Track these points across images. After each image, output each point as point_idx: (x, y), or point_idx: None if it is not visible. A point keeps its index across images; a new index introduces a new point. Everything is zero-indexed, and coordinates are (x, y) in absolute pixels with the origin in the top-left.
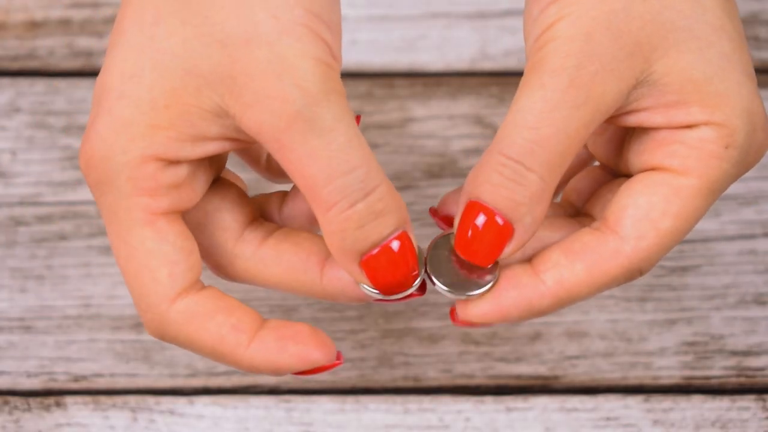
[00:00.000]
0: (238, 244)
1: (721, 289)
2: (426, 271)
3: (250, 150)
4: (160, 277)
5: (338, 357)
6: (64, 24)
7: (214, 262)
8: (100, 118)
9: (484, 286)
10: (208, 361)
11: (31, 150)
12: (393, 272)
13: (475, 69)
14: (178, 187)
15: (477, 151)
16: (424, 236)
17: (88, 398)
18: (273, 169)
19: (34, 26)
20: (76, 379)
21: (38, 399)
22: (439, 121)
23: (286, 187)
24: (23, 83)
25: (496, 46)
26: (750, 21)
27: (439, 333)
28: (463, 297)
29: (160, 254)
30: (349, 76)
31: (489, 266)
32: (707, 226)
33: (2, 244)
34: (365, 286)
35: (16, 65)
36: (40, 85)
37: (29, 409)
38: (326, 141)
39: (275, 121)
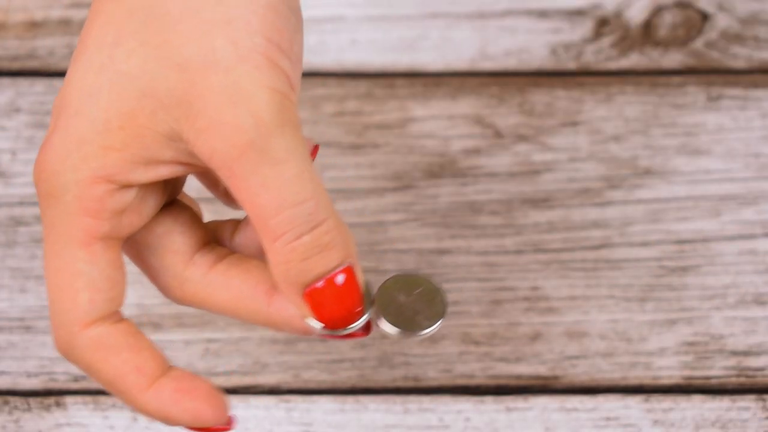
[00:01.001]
0: (188, 268)
1: (721, 289)
2: (374, 311)
3: (208, 173)
4: (80, 300)
5: (229, 422)
6: (64, 24)
7: (163, 283)
8: (57, 133)
9: (429, 327)
10: (208, 362)
11: (31, 150)
12: (336, 306)
13: (475, 69)
14: (123, 212)
15: (477, 151)
16: (424, 236)
17: (88, 398)
18: (230, 195)
19: (34, 26)
20: (76, 379)
21: (38, 399)
22: (439, 121)
23: (242, 213)
24: (23, 83)
25: (496, 46)
26: (750, 21)
27: (439, 333)
28: (412, 337)
29: (86, 278)
30: (349, 76)
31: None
32: (707, 226)
33: (2, 244)
34: (310, 320)
35: (16, 65)
36: (40, 85)
37: (29, 409)
38: (278, 172)
39: (228, 148)
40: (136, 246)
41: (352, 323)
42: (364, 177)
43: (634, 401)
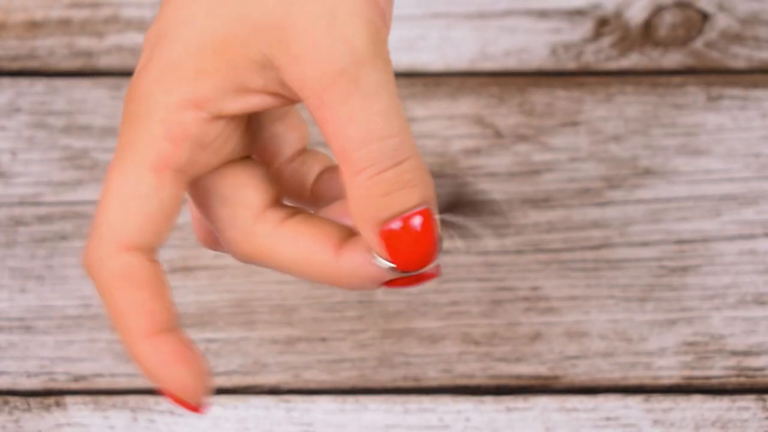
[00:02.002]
0: (258, 222)
1: (721, 289)
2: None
3: (269, 144)
4: (130, 221)
5: (200, 407)
6: (64, 24)
7: (230, 236)
8: (152, 60)
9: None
10: (208, 362)
11: (31, 150)
12: (413, 247)
13: (475, 69)
14: (204, 146)
15: (477, 151)
16: None
17: (88, 398)
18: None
19: (34, 26)
20: (76, 379)
21: (38, 399)
22: (439, 121)
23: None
24: (23, 83)
25: (496, 46)
26: (750, 21)
27: (439, 333)
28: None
29: (145, 203)
30: None
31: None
32: (707, 226)
33: (2, 244)
34: (381, 260)
35: (16, 65)
36: (40, 85)
37: (29, 409)
38: (367, 104)
39: (319, 76)
40: (207, 194)
41: (426, 265)
42: None
43: (634, 401)
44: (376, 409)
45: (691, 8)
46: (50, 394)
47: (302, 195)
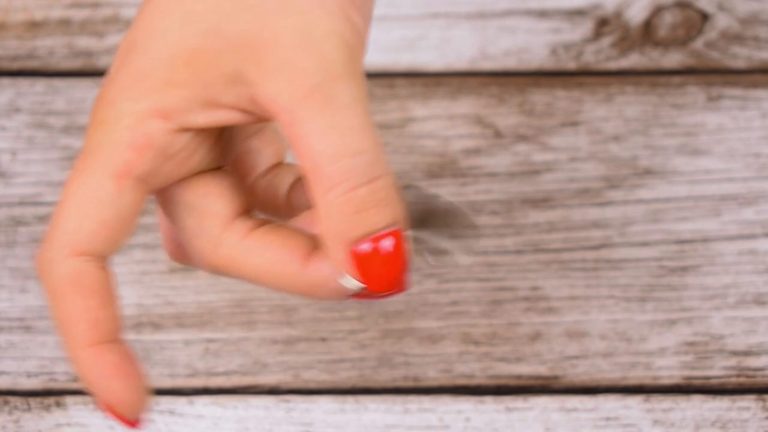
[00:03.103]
0: (225, 232)
1: (721, 289)
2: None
3: (244, 159)
4: (85, 226)
5: (136, 423)
6: (64, 24)
7: (197, 246)
8: (123, 68)
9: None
10: (208, 362)
11: (31, 150)
12: (383, 269)
13: (475, 69)
14: (168, 158)
15: (477, 151)
16: None
17: (88, 398)
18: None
19: (34, 26)
20: (76, 379)
21: (38, 399)
22: (439, 121)
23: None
24: (23, 83)
25: (496, 46)
26: (750, 21)
27: (439, 333)
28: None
29: (102, 209)
30: None
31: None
32: (707, 226)
33: (2, 244)
34: (346, 279)
35: (16, 65)
36: (40, 85)
37: (29, 409)
38: (340, 118)
39: (293, 90)
40: (175, 203)
41: (396, 288)
42: None
43: (634, 401)
44: (375, 409)
45: (691, 8)
46: (50, 394)
47: (277, 207)
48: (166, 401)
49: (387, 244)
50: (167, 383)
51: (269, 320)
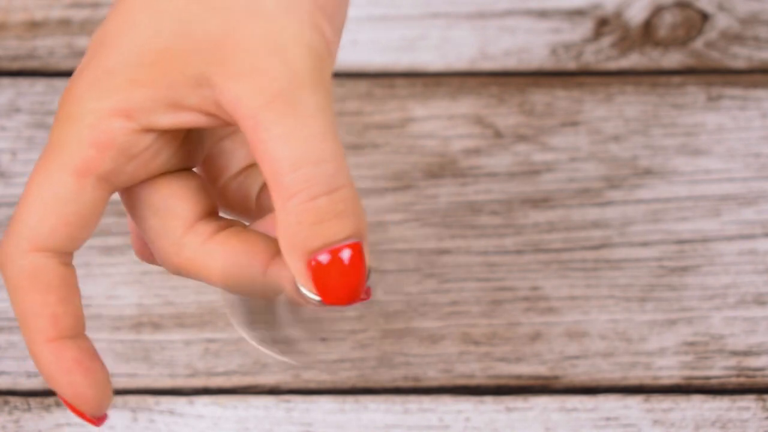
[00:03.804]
0: (188, 234)
1: (721, 289)
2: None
3: (216, 160)
4: (44, 222)
5: (99, 420)
6: (64, 24)
7: (160, 247)
8: (90, 65)
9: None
10: (208, 362)
11: (31, 150)
12: (340, 282)
13: (475, 69)
14: (131, 158)
15: (477, 151)
16: (424, 236)
17: None
18: (229, 198)
19: (34, 26)
20: None
21: (38, 399)
22: (439, 121)
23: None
24: (23, 83)
25: (496, 46)
26: (750, 21)
27: (439, 333)
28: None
29: (62, 206)
30: (349, 76)
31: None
32: (707, 226)
33: None
34: (304, 289)
35: (16, 65)
36: (40, 85)
37: (29, 409)
38: (302, 125)
39: (256, 95)
40: (139, 203)
41: (353, 301)
42: (364, 177)
43: (634, 401)
44: (376, 409)
45: (691, 8)
46: (50, 394)
47: (248, 209)
48: (166, 401)
49: (345, 255)
50: (167, 383)
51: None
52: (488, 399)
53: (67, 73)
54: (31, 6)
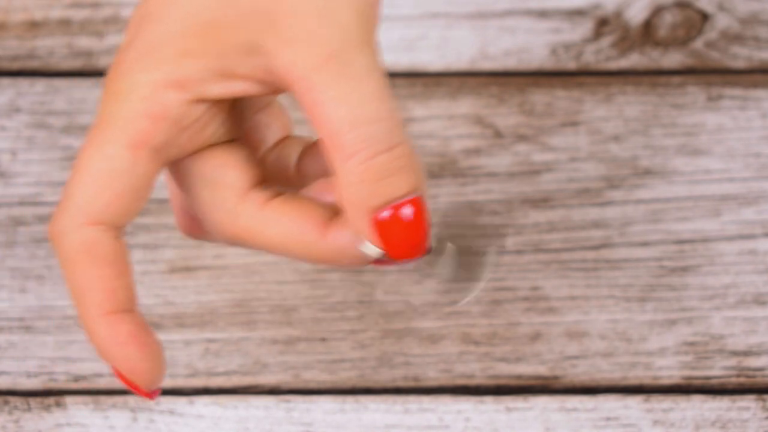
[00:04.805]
0: (241, 203)
1: (721, 289)
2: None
3: (253, 134)
4: (99, 196)
5: (153, 393)
6: (64, 24)
7: (215, 218)
8: (136, 39)
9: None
10: (208, 362)
11: (31, 150)
12: (404, 236)
13: (475, 69)
14: (184, 129)
15: (477, 151)
16: None
17: (88, 398)
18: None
19: (34, 26)
20: (76, 379)
21: (38, 399)
22: (439, 121)
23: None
24: (23, 83)
25: (496, 46)
26: (750, 21)
27: (439, 333)
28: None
29: (117, 179)
30: None
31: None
32: (707, 226)
33: (2, 244)
34: (366, 246)
35: (16, 65)
36: (40, 85)
37: (29, 409)
38: (358, 86)
39: (310, 58)
40: (189, 176)
41: (417, 255)
42: None
43: (634, 401)
44: (376, 409)
45: (691, 8)
46: (50, 394)
47: (288, 179)
48: (166, 401)
49: (408, 211)
50: (167, 383)
51: (269, 320)
52: (488, 399)
53: (67, 73)
54: (31, 6)
